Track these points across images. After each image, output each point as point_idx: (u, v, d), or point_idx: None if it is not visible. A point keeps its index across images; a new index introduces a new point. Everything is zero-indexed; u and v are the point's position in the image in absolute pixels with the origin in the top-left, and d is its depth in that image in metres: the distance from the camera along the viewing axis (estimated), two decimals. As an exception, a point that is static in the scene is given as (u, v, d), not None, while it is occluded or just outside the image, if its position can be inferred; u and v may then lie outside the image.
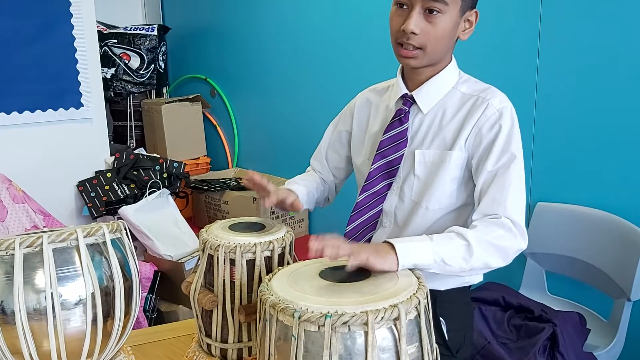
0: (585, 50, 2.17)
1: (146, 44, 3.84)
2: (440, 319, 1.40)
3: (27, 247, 1.03)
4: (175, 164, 3.24)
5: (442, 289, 1.39)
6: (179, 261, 2.75)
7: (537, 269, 2.35)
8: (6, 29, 2.75)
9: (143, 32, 3.84)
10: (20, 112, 2.84)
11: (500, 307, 2.12)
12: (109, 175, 3.08)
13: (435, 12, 1.24)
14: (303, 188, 1.51)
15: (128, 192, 3.04)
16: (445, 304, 1.39)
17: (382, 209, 1.41)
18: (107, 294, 1.09)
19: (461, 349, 1.43)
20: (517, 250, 1.23)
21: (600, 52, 2.13)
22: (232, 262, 1.19)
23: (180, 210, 3.10)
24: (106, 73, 3.74)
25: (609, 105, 2.13)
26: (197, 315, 1.27)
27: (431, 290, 1.33)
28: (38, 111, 2.88)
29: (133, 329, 1.27)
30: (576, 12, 2.17)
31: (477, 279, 1.44)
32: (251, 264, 1.19)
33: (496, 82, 1.46)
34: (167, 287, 2.77)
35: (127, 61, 3.81)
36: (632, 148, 2.09)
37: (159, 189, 3.05)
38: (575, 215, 2.24)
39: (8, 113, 2.81)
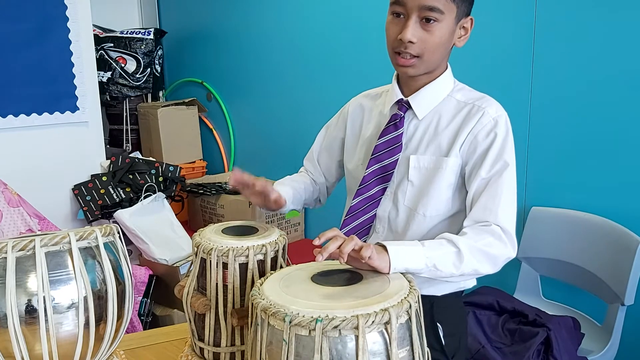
0: (578, 56, 2.18)
1: (142, 47, 3.84)
2: (437, 324, 1.40)
3: (19, 250, 1.03)
4: (171, 168, 3.24)
5: (439, 294, 1.39)
6: (174, 265, 2.75)
7: (532, 274, 2.36)
8: (2, 32, 2.75)
9: (139, 35, 3.85)
10: (16, 115, 2.84)
11: (495, 312, 2.13)
12: (104, 178, 3.08)
13: (431, 21, 1.25)
14: (289, 189, 1.51)
15: (123, 196, 3.04)
16: (441, 309, 1.39)
17: (375, 214, 1.42)
18: (100, 298, 1.09)
19: (457, 354, 1.44)
20: (507, 259, 1.24)
21: (594, 58, 2.14)
22: (225, 266, 1.19)
23: (176, 214, 3.10)
24: (102, 77, 3.74)
25: (603, 111, 2.14)
26: (189, 319, 1.27)
27: (428, 296, 1.35)
28: (34, 115, 2.88)
29: (127, 332, 1.27)
30: (570, 18, 2.18)
31: (470, 283, 1.45)
32: (244, 267, 1.19)
33: (491, 87, 1.47)
34: (162, 291, 2.77)
35: (123, 65, 3.81)
36: (625, 153, 2.10)
37: (154, 192, 3.05)
38: (569, 220, 2.24)
39: (4, 116, 2.81)
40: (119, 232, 1.18)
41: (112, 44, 3.80)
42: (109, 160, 3.18)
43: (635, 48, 2.03)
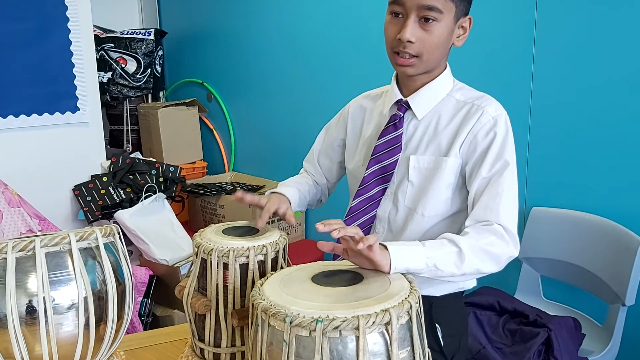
0: (579, 55, 2.17)
1: (143, 48, 3.84)
2: (436, 325, 1.40)
3: (19, 251, 1.03)
4: (172, 168, 3.24)
5: (438, 294, 1.39)
6: (175, 265, 2.75)
7: (533, 274, 2.35)
8: (2, 32, 2.75)
9: (140, 36, 3.85)
10: (17, 116, 2.84)
11: (496, 312, 2.12)
12: (104, 179, 3.08)
13: (430, 21, 1.25)
14: (295, 191, 1.51)
15: (124, 196, 3.04)
16: (440, 309, 1.39)
17: (375, 214, 1.41)
18: (100, 298, 1.09)
19: (456, 355, 1.43)
20: (509, 258, 1.23)
21: (594, 58, 2.14)
22: (225, 266, 1.18)
23: (176, 215, 3.10)
24: (103, 77, 3.74)
25: (604, 111, 2.14)
26: (190, 319, 1.27)
27: (427, 297, 1.35)
28: (34, 115, 2.88)
29: (128, 333, 1.27)
30: (571, 17, 2.18)
31: (470, 284, 1.45)
32: (244, 268, 1.19)
33: (491, 87, 1.47)
34: (162, 292, 2.76)
35: (123, 65, 3.81)
36: (626, 153, 2.10)
37: (154, 193, 3.05)
38: (570, 220, 2.24)
39: (4, 117, 2.81)
40: (119, 233, 1.18)
41: (112, 45, 3.80)
42: (109, 161, 3.17)
43: (635, 48, 2.03)
